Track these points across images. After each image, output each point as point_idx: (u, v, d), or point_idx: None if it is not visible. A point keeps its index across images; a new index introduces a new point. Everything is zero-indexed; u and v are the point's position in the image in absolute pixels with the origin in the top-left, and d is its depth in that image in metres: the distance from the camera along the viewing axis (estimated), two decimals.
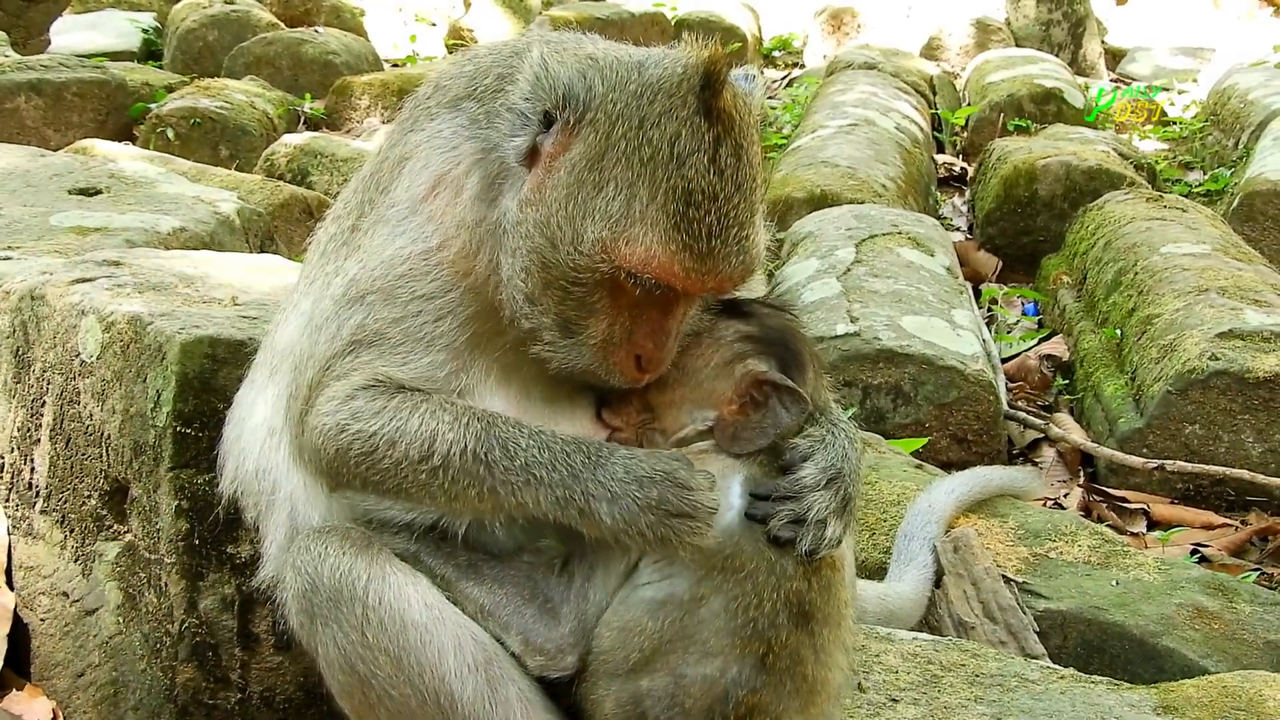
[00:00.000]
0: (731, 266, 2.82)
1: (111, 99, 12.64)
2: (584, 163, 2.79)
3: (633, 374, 2.92)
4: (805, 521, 2.84)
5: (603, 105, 2.80)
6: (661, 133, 2.76)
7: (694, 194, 2.74)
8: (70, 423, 4.00)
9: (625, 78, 2.83)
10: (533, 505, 2.79)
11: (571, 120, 2.82)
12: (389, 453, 2.85)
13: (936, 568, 4.69)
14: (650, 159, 2.75)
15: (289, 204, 9.13)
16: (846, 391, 6.79)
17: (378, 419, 2.86)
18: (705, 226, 2.75)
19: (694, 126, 2.77)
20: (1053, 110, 13.50)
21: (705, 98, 2.78)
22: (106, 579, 3.95)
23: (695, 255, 2.76)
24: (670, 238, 2.74)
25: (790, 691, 2.80)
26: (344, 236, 3.11)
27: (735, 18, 19.06)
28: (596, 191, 2.78)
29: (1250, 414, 6.56)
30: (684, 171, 2.74)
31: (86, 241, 5.82)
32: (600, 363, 2.90)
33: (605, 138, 2.78)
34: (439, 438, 2.81)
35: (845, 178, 10.03)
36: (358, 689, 2.90)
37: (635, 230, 2.75)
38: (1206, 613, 4.63)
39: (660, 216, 2.74)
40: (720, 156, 2.77)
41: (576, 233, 2.78)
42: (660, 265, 2.76)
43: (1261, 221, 9.91)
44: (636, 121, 2.77)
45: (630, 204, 2.75)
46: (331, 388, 2.93)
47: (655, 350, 2.89)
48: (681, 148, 2.75)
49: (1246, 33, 19.26)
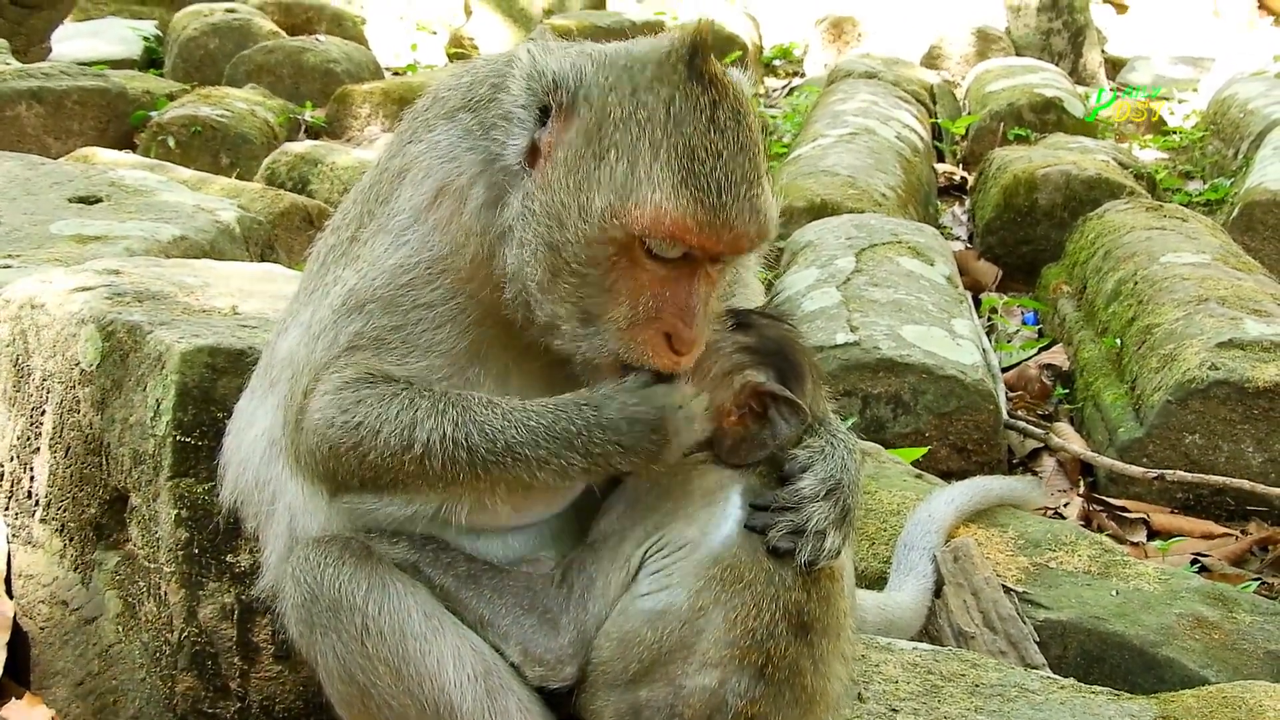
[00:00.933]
0: (745, 222, 2.75)
1: (112, 107, 12.64)
2: (581, 138, 2.78)
3: (668, 356, 2.81)
4: (804, 532, 2.83)
5: (594, 81, 2.79)
6: (656, 96, 2.75)
7: (696, 150, 2.72)
8: (70, 431, 4.00)
9: (614, 58, 2.83)
10: (529, 479, 2.78)
11: (565, 102, 2.81)
12: (374, 442, 2.82)
13: (936, 577, 4.69)
14: (648, 120, 2.73)
15: (289, 212, 9.13)
16: (846, 401, 6.79)
17: (360, 407, 2.83)
18: (714, 181, 2.71)
19: (688, 90, 2.75)
20: (1053, 119, 13.51)
21: (695, 64, 2.76)
22: (106, 588, 3.95)
23: (706, 208, 2.70)
24: (678, 192, 2.70)
25: (789, 702, 2.80)
26: (343, 247, 3.10)
27: (736, 26, 19.06)
28: (597, 162, 2.75)
29: (1250, 424, 6.56)
30: (684, 130, 2.72)
31: (86, 250, 5.83)
32: (628, 347, 2.80)
33: (600, 110, 2.77)
34: (418, 424, 2.79)
35: (845, 187, 10.03)
36: (357, 699, 2.91)
37: (643, 190, 2.71)
38: (1207, 623, 4.63)
39: (665, 174, 2.70)
40: (719, 117, 2.75)
41: (582, 207, 2.75)
42: (672, 222, 2.70)
43: (1261, 231, 9.92)
44: (629, 90, 2.76)
45: (634, 167, 2.72)
46: (321, 384, 2.91)
47: (685, 327, 2.79)
48: (678, 109, 2.73)
49: (1247, 42, 19.29)
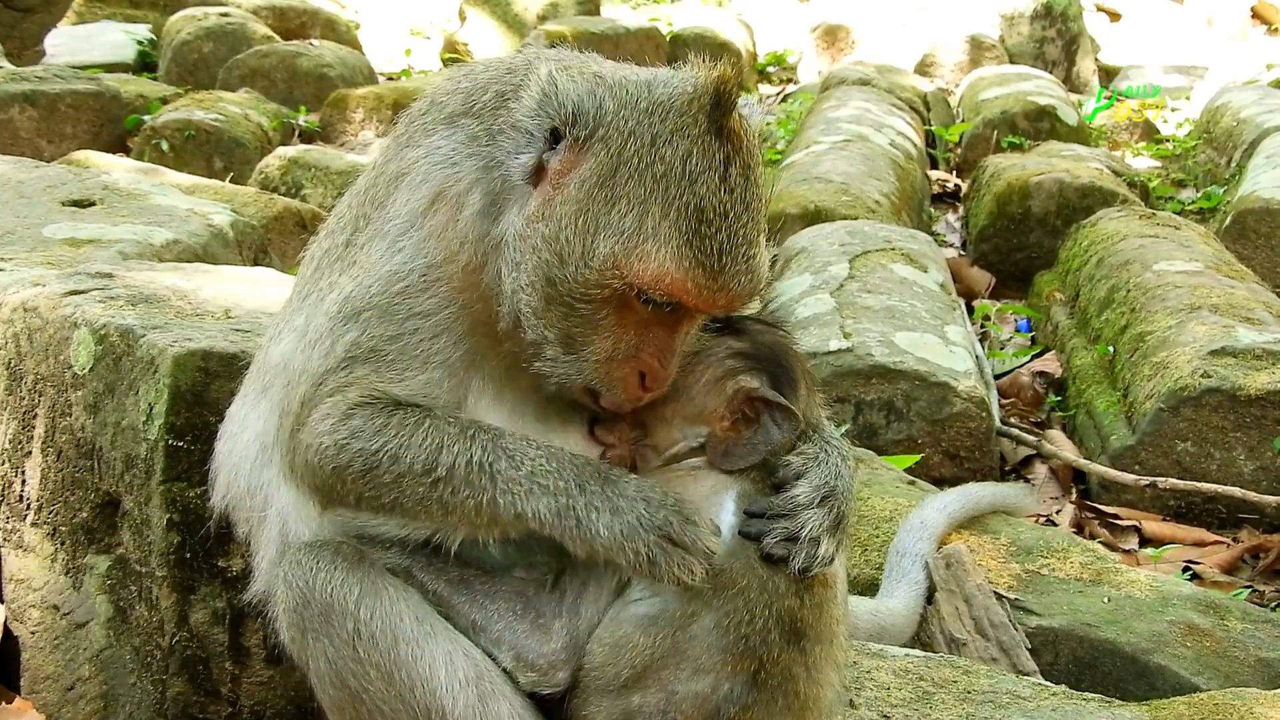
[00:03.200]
0: (741, 285, 2.83)
1: (106, 111, 12.63)
2: (595, 179, 2.80)
3: (635, 391, 2.91)
4: (798, 539, 2.83)
5: (614, 123, 2.81)
6: (674, 150, 2.77)
7: (706, 211, 2.76)
8: (62, 435, 3.99)
9: (635, 96, 2.84)
10: (531, 516, 2.78)
11: (581, 137, 2.82)
12: (391, 467, 2.84)
13: (929, 584, 4.68)
14: (663, 176, 2.76)
15: (283, 217, 9.11)
16: (839, 407, 6.80)
17: (380, 436, 2.85)
18: (717, 244, 2.77)
19: (705, 145, 2.79)
20: (1046, 127, 13.52)
21: (716, 117, 2.80)
22: (97, 592, 3.94)
23: (707, 272, 2.77)
24: (683, 254, 2.75)
25: (782, 708, 2.80)
26: (338, 251, 3.10)
27: (730, 33, 19.10)
28: (608, 208, 2.78)
29: (1242, 431, 6.56)
30: (696, 189, 2.76)
31: (79, 253, 5.81)
32: (602, 379, 2.90)
33: (617, 155, 2.79)
34: (444, 449, 2.81)
35: (839, 193, 10.04)
36: (349, 704, 2.90)
37: (648, 247, 2.76)
38: (1198, 630, 4.63)
39: (673, 233, 2.75)
40: (731, 175, 2.79)
41: (587, 248, 2.79)
42: (673, 282, 2.77)
43: (1254, 239, 9.94)
44: (649, 139, 2.79)
45: (643, 220, 2.76)
46: (326, 404, 2.91)
47: (660, 368, 2.89)
48: (694, 165, 2.77)
49: (1239, 51, 19.33)
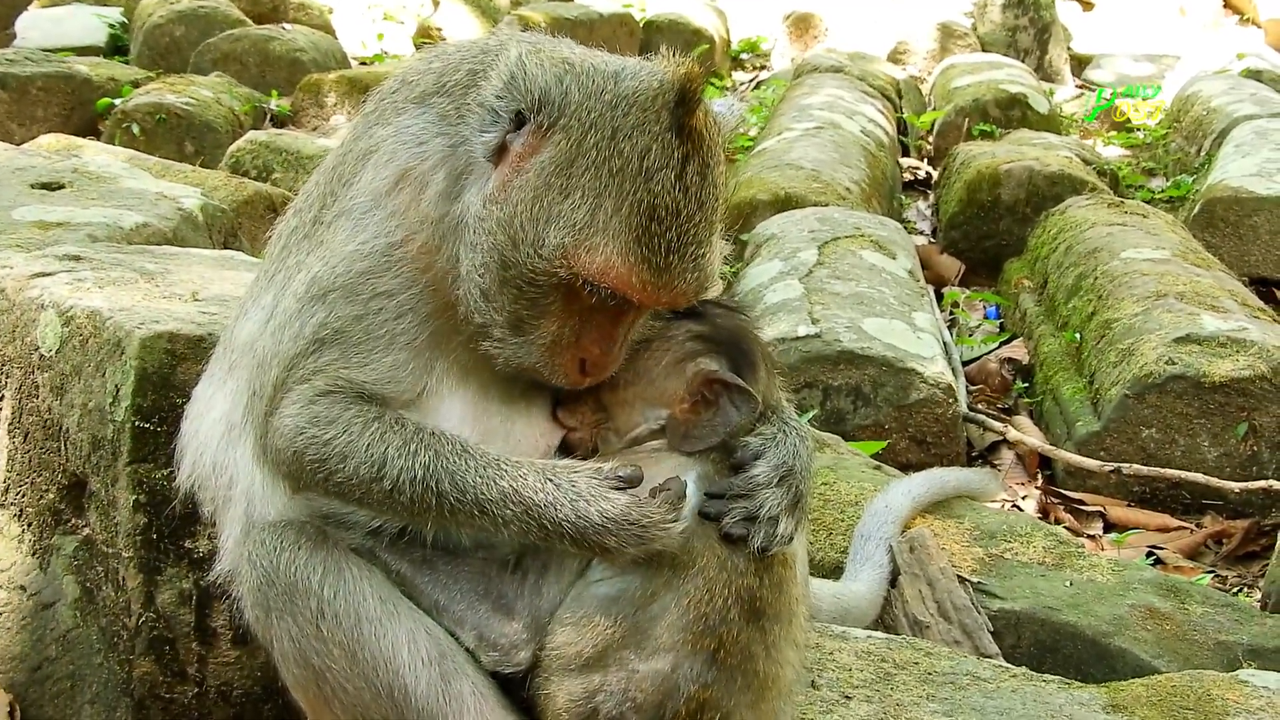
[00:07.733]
0: (686, 283, 2.87)
1: (77, 94, 12.57)
2: (553, 167, 2.82)
3: (576, 377, 2.96)
4: (757, 519, 2.87)
5: (577, 112, 2.83)
6: (632, 146, 2.80)
7: (658, 209, 2.79)
8: (28, 416, 3.99)
9: (601, 86, 2.85)
10: (494, 530, 2.82)
11: (545, 123, 2.84)
12: (341, 467, 2.86)
13: (892, 567, 4.72)
14: (619, 171, 2.79)
15: (253, 200, 9.08)
16: (807, 393, 6.83)
17: (331, 428, 2.87)
18: (665, 242, 2.80)
19: (665, 142, 2.81)
20: (1017, 115, 13.56)
21: (679, 115, 2.82)
22: (64, 573, 3.94)
23: (653, 269, 2.81)
24: (631, 250, 2.79)
25: (741, 687, 2.83)
26: (306, 229, 3.11)
27: (703, 20, 19.06)
28: (563, 197, 2.81)
29: (1206, 418, 6.63)
30: (650, 186, 2.78)
31: (48, 236, 5.79)
32: (545, 362, 2.94)
33: (576, 145, 2.81)
34: (388, 462, 2.83)
35: (810, 180, 10.07)
36: (312, 682, 2.93)
37: (597, 240, 2.79)
38: (1159, 614, 4.68)
39: (623, 229, 2.78)
40: (687, 174, 2.82)
41: (539, 235, 2.81)
42: (618, 276, 2.80)
43: (1221, 228, 9.99)
44: (609, 132, 2.80)
45: (595, 213, 2.79)
46: (295, 390, 2.94)
47: (601, 355, 2.94)
48: (651, 162, 2.79)
49: (1211, 41, 19.40)
